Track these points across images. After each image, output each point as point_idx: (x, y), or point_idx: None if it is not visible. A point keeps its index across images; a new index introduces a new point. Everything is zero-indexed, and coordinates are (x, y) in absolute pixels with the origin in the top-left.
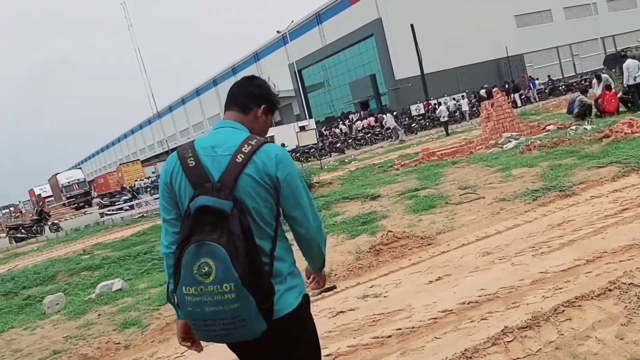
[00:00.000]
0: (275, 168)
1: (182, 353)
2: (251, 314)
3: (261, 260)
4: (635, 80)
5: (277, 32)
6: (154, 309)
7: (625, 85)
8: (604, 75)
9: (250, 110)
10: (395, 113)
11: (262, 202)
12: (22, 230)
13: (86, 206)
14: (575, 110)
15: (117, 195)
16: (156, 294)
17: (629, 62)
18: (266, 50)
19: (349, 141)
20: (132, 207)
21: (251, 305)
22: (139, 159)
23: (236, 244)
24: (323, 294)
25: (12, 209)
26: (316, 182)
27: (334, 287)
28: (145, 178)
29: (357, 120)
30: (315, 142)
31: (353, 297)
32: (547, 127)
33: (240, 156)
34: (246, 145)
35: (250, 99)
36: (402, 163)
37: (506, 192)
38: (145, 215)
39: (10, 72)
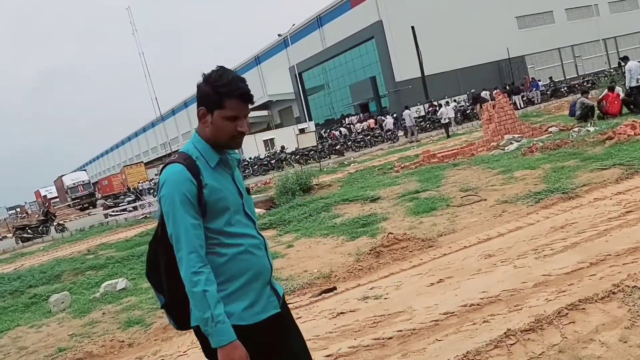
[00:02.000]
0: (159, 190)
1: (184, 352)
2: None
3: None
4: (638, 82)
5: (279, 35)
6: (157, 308)
7: (627, 87)
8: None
9: (198, 116)
10: (395, 115)
11: None
12: (29, 231)
13: (90, 207)
14: (578, 112)
15: (121, 197)
16: None
17: (631, 64)
18: (267, 54)
19: (349, 143)
20: (135, 208)
21: None
22: (142, 161)
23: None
24: (323, 295)
25: (18, 209)
26: (315, 185)
27: (334, 288)
28: (149, 180)
29: (356, 122)
30: (315, 144)
31: (353, 298)
32: (549, 129)
33: None
34: None
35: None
36: (402, 165)
37: (508, 194)
38: (148, 216)
39: (21, 76)
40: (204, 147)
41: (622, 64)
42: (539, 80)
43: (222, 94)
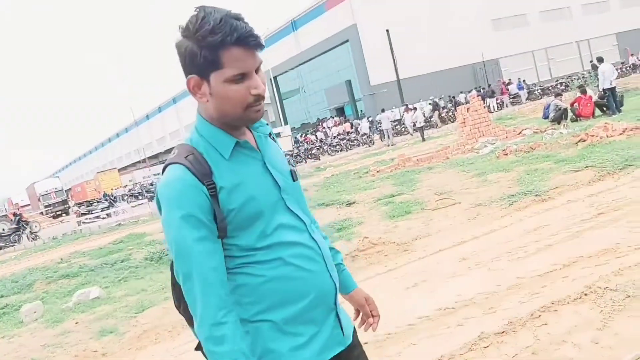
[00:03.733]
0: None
1: None
2: None
3: None
4: (611, 84)
5: None
6: (131, 317)
7: (600, 89)
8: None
9: (190, 89)
10: (370, 119)
11: None
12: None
13: (64, 214)
14: (551, 115)
15: (95, 204)
16: (133, 301)
17: (604, 66)
18: None
19: (325, 147)
20: (109, 215)
21: None
22: (115, 168)
23: None
24: None
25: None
26: None
27: None
28: (123, 186)
29: (332, 126)
30: (291, 149)
31: None
32: (523, 132)
33: None
34: None
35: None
36: (378, 169)
37: (482, 197)
38: (122, 223)
39: None
40: (211, 132)
41: (597, 65)
42: (524, 80)
43: (214, 45)
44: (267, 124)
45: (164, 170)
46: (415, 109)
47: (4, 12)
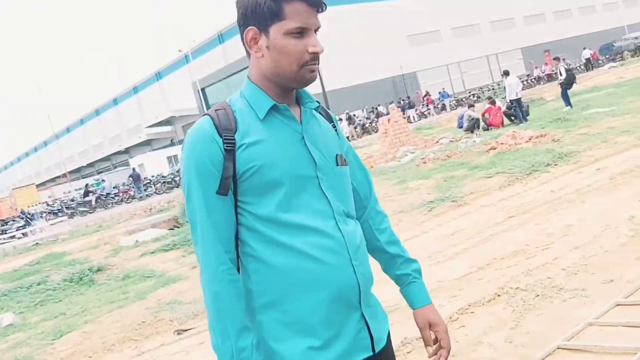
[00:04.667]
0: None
1: None
2: None
3: None
4: (516, 95)
5: (179, 51)
6: (48, 344)
7: (508, 100)
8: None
9: (247, 43)
10: None
11: None
12: None
13: None
14: (465, 124)
15: (10, 223)
16: (50, 327)
17: (510, 79)
18: (169, 69)
19: None
20: (25, 234)
21: None
22: (33, 183)
23: None
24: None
25: None
26: None
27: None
28: (41, 203)
29: None
30: None
31: None
32: (440, 141)
33: None
34: None
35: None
36: None
37: (404, 204)
38: (39, 242)
39: None
40: (252, 92)
41: (504, 78)
42: (446, 91)
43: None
44: (317, 101)
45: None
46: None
47: None
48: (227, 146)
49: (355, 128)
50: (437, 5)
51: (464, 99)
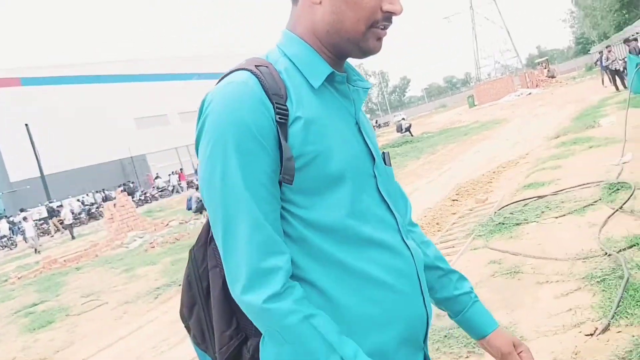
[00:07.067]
0: (199, 125)
1: None
2: None
3: None
4: None
5: None
6: None
7: None
8: None
9: None
10: (11, 218)
11: None
12: None
13: None
14: (194, 206)
15: None
16: None
17: None
18: None
19: None
20: None
21: None
22: None
23: None
24: None
25: None
26: None
27: None
28: None
29: None
30: None
31: None
32: (170, 223)
33: None
34: None
35: None
36: (20, 275)
37: (130, 294)
38: None
39: None
40: (301, 51)
41: None
42: (173, 172)
43: None
44: (364, 77)
45: (222, 79)
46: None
47: None
48: (279, 117)
49: (60, 223)
50: (164, 89)
51: (194, 181)
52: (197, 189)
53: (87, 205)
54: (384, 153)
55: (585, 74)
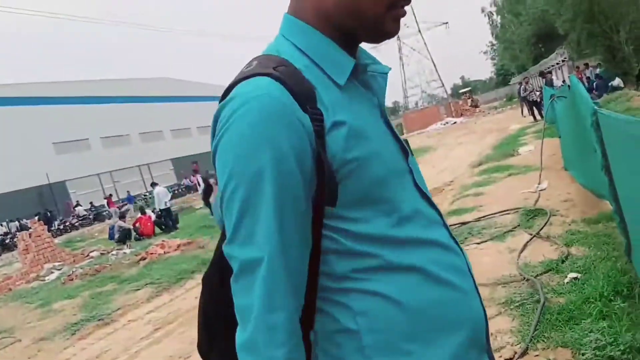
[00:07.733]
0: (215, 144)
1: None
2: None
3: None
4: (165, 204)
5: None
6: None
7: (157, 210)
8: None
9: None
10: None
11: None
12: None
13: None
14: (116, 235)
15: None
16: None
17: (158, 189)
18: None
19: None
20: None
21: None
22: None
23: None
24: None
25: None
26: None
27: None
28: None
29: None
30: None
31: None
32: (90, 254)
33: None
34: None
35: None
36: None
37: (46, 330)
38: None
39: None
40: (315, 43)
41: (152, 188)
42: (133, 195)
43: None
44: (381, 62)
45: (229, 89)
46: None
47: None
48: (316, 126)
49: None
50: (85, 113)
51: (118, 209)
52: (120, 217)
53: (1, 235)
54: (405, 141)
55: (505, 104)
